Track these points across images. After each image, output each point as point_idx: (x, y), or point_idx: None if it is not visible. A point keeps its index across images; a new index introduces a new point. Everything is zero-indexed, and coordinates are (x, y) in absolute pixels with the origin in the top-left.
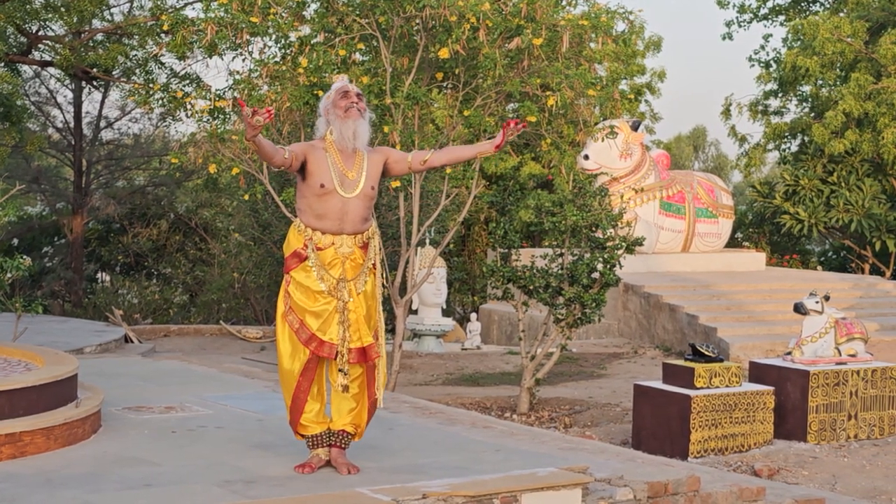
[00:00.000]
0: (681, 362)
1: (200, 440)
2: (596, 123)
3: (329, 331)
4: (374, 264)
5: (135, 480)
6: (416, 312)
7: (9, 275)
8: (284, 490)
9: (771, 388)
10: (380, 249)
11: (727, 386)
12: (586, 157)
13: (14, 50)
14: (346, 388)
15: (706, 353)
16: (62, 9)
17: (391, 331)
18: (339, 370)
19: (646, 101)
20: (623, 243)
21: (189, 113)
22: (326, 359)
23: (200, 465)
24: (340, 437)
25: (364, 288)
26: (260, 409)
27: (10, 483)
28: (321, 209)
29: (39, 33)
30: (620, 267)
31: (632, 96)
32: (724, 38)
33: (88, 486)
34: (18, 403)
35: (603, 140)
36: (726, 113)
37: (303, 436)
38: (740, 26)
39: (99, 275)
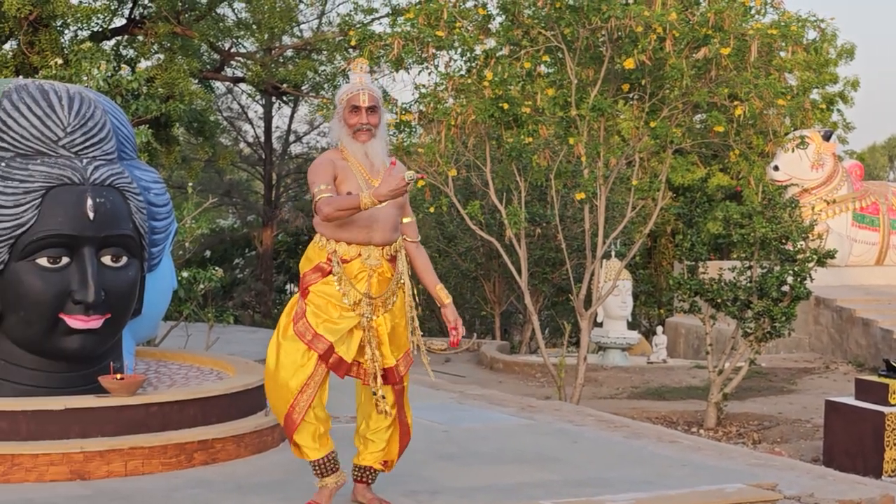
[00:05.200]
0: (875, 378)
1: None
2: (786, 134)
3: (348, 349)
4: (402, 281)
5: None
6: (601, 325)
7: (202, 286)
8: (469, 501)
9: None
10: (407, 265)
11: None
12: (776, 168)
13: (208, 67)
14: (387, 413)
15: None
16: (254, 26)
17: (575, 343)
18: (374, 393)
19: (838, 110)
20: (814, 256)
21: None
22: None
23: (387, 474)
24: (367, 472)
25: (391, 307)
26: (445, 419)
27: (202, 489)
28: (348, 218)
29: (232, 50)
30: (811, 280)
31: (823, 106)
32: None
33: (277, 493)
34: (211, 411)
35: (793, 150)
36: None
37: (311, 464)
38: None
39: (288, 286)
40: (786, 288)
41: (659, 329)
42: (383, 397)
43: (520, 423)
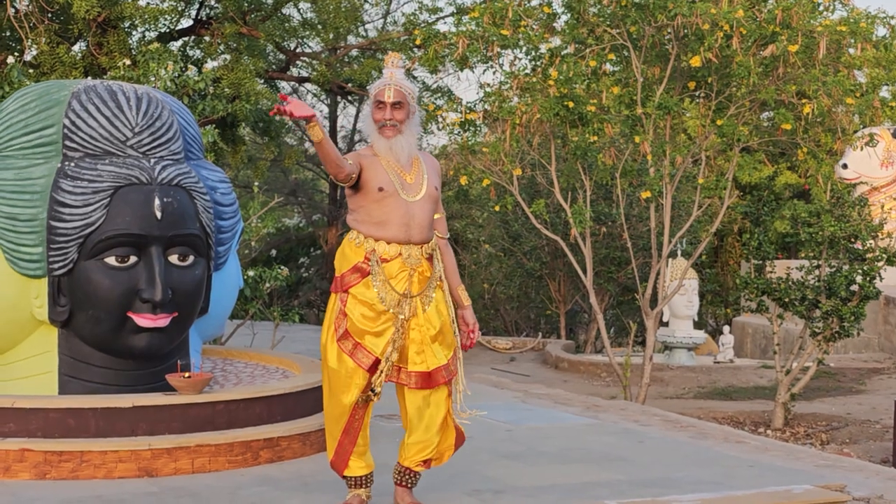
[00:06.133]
0: None
1: None
2: (855, 131)
3: (384, 350)
4: (441, 277)
5: (386, 488)
6: (667, 325)
7: (267, 285)
8: (534, 501)
9: None
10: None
11: None
12: (845, 167)
13: (273, 67)
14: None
15: None
16: (319, 26)
17: (641, 343)
18: (371, 390)
19: None
20: (884, 255)
21: (441, 126)
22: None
23: (451, 473)
24: (409, 476)
25: (432, 304)
26: (509, 419)
27: (269, 486)
28: (383, 216)
29: (297, 50)
30: (881, 279)
31: (893, 103)
32: None
33: (342, 491)
34: (276, 410)
35: (862, 149)
36: None
37: (345, 476)
38: None
39: None
40: (854, 287)
41: (726, 328)
42: (377, 395)
43: (585, 422)
